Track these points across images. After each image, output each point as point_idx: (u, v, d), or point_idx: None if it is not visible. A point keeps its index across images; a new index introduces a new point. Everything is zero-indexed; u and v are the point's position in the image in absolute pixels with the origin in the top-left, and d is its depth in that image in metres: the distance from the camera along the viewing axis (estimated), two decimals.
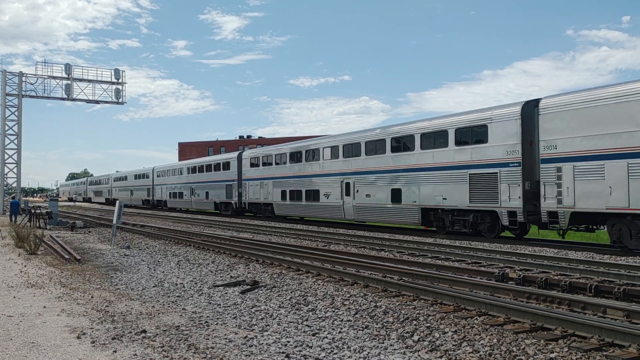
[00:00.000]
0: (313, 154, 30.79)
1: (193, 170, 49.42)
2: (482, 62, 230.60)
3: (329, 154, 29.32)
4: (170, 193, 54.81)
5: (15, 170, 43.95)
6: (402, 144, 23.84)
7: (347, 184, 27.20)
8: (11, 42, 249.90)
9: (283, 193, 33.57)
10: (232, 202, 41.28)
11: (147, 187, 62.57)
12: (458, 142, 20.94)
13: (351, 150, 27.31)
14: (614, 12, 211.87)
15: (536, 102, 18.40)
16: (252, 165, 38.32)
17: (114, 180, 78.36)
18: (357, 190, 26.48)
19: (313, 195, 30.39)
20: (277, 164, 34.89)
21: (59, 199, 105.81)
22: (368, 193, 25.74)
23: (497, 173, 19.30)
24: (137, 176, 67.42)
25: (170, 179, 55.11)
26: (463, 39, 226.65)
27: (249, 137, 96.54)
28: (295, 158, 32.78)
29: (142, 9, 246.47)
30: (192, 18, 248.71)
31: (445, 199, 21.27)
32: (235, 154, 41.98)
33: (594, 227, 17.68)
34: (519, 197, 18.51)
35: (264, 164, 36.56)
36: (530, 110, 18.53)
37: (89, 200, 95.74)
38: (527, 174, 18.47)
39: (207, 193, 45.51)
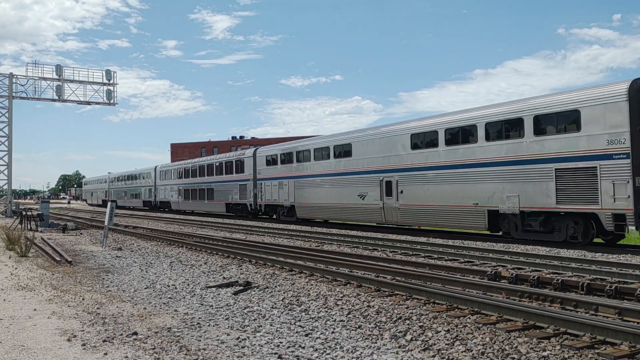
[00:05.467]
0: (197, 171, 46.23)
1: (129, 178, 66.74)
2: (473, 61, 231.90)
3: (201, 172, 45.49)
4: (118, 194, 70.21)
5: (6, 172, 43.59)
6: (221, 169, 41.17)
7: (210, 190, 43.02)
8: None
9: (178, 194, 50.20)
10: (152, 200, 57.42)
11: (104, 189, 77.98)
12: (235, 171, 38.42)
13: (212, 170, 43.68)
14: (604, 11, 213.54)
15: (256, 149, 36.13)
16: (161, 176, 55.06)
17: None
18: (217, 194, 42.57)
19: (194, 196, 46.36)
20: (177, 177, 50.49)
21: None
22: (226, 196, 41.19)
23: (246, 185, 36.63)
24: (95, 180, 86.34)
25: (119, 183, 71.11)
26: (454, 38, 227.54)
27: (241, 137, 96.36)
28: (184, 174, 48.70)
29: (132, 8, 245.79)
30: (182, 17, 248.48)
31: (236, 197, 38.24)
32: (154, 166, 58.06)
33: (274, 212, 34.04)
34: (253, 196, 35.53)
35: (167, 176, 53.04)
36: (255, 153, 35.77)
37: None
38: (255, 185, 35.16)
39: (139, 194, 62.66)
